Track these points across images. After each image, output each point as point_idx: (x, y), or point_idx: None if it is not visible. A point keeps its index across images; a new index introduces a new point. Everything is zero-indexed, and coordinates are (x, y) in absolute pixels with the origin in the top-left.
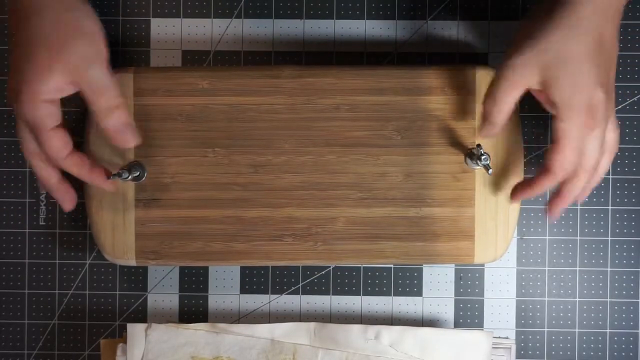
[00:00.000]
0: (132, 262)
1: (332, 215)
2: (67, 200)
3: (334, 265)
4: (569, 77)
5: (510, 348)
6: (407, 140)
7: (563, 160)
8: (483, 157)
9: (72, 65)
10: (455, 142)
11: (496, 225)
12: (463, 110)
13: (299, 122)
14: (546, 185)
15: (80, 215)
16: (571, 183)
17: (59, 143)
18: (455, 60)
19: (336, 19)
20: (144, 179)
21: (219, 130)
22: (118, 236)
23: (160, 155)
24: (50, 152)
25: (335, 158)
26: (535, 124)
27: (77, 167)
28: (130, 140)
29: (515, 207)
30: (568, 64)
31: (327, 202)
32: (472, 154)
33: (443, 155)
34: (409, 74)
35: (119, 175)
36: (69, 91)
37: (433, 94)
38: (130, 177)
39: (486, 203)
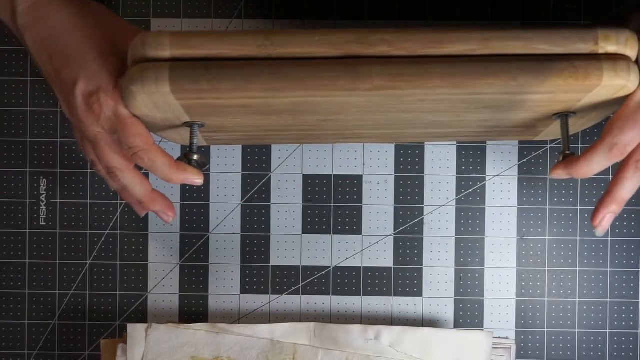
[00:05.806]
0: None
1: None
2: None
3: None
4: None
5: (510, 348)
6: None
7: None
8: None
9: (68, 105)
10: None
11: None
12: None
13: (377, 113)
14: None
15: (81, 216)
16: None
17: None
18: None
19: (337, 19)
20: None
21: (283, 109)
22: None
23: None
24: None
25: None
26: None
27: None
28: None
29: None
30: None
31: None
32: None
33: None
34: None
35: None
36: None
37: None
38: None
39: None
